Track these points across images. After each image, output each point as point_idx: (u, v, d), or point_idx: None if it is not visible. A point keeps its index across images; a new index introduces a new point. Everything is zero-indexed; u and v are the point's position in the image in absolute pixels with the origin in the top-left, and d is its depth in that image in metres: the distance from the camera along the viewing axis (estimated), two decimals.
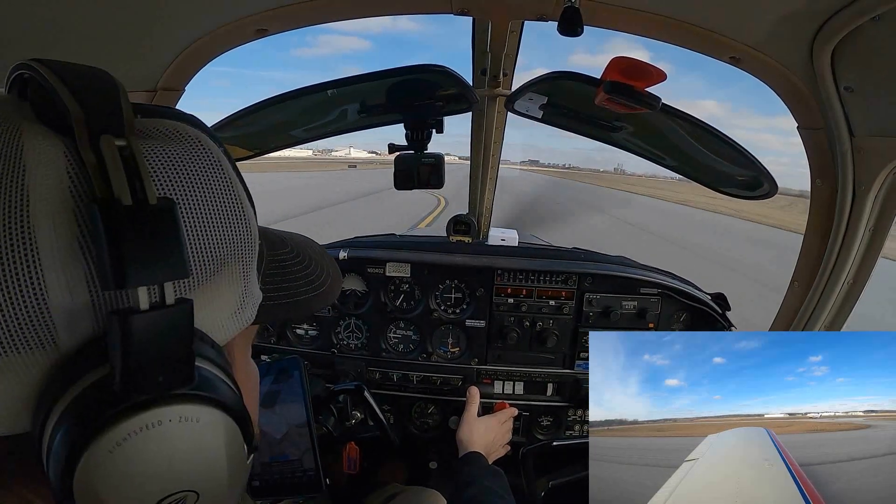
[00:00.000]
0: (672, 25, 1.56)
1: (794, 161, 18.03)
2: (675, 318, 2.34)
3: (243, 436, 0.58)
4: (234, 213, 0.60)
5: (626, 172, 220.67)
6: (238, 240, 0.60)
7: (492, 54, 1.95)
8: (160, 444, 0.51)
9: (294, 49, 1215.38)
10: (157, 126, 0.56)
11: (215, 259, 0.57)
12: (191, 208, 0.55)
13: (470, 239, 2.54)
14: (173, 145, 0.55)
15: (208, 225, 0.57)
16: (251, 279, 0.64)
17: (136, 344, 0.48)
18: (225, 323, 0.61)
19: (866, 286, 1.76)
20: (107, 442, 0.48)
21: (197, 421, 0.53)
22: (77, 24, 1.29)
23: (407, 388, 2.37)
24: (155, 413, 0.50)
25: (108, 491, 0.49)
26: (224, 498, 0.59)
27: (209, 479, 0.56)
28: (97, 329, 0.50)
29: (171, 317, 0.50)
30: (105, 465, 0.48)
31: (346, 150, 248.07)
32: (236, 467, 0.58)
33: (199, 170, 0.57)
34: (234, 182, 0.61)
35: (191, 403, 0.52)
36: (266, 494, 1.64)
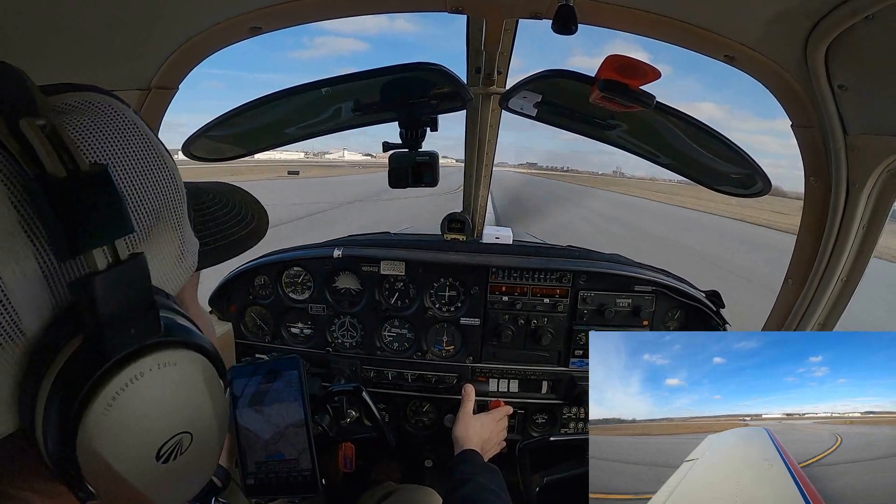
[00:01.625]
0: (666, 23, 1.56)
1: (791, 164, 18.12)
2: (669, 316, 2.35)
3: (217, 372, 0.62)
4: (158, 167, 0.62)
5: (626, 175, 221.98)
6: (167, 191, 0.63)
7: (486, 52, 1.95)
8: (147, 394, 0.53)
9: (290, 51, 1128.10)
10: (66, 100, 0.58)
11: (150, 213, 0.60)
12: (118, 169, 0.57)
13: (464, 237, 2.54)
14: (88, 115, 0.57)
15: (137, 181, 0.59)
16: (185, 227, 0.67)
17: (103, 304, 0.50)
18: (171, 273, 0.64)
19: (860, 284, 1.77)
20: (99, 405, 0.50)
21: (175, 364, 0.56)
22: (70, 22, 1.28)
23: (402, 387, 2.37)
24: (136, 366, 0.52)
25: (111, 451, 0.51)
26: (214, 434, 0.63)
27: (198, 418, 0.59)
28: (56, 306, 0.51)
29: (129, 271, 0.52)
30: (102, 427, 0.50)
31: (340, 152, 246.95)
32: (218, 402, 0.62)
33: (117, 132, 0.58)
34: (152, 139, 0.63)
35: (166, 349, 0.55)
36: (261, 493, 1.64)
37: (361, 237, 2.54)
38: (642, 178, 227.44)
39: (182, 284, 0.67)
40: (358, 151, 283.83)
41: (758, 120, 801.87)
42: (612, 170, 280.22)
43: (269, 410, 1.63)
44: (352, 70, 1.84)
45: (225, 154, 2.36)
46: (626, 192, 65.89)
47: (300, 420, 1.61)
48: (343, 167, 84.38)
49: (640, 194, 64.21)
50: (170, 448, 0.57)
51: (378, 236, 2.61)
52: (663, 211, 39.58)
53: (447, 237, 2.54)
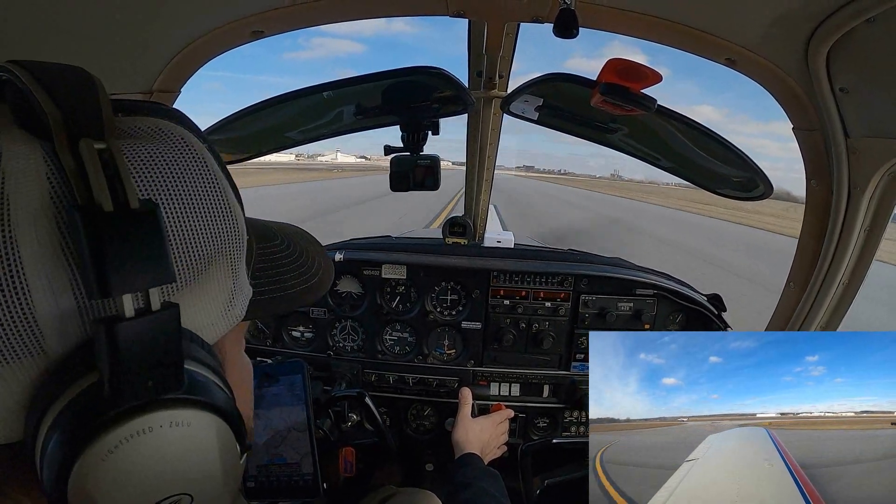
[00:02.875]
0: (667, 27, 1.56)
1: (789, 166, 18.07)
2: (670, 319, 2.35)
3: (235, 436, 0.58)
4: (220, 210, 0.59)
5: (623, 178, 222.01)
6: (225, 237, 0.60)
7: (487, 56, 1.95)
8: (152, 450, 0.51)
9: (288, 52, 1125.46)
10: (138, 124, 0.55)
11: (202, 258, 0.57)
12: (175, 208, 0.54)
13: (466, 241, 2.54)
14: (155, 144, 0.55)
15: (194, 224, 0.56)
16: (240, 275, 0.64)
17: (123, 351, 0.47)
18: (215, 321, 0.60)
19: (861, 287, 1.77)
20: (99, 449, 0.48)
21: (188, 425, 0.53)
22: (72, 25, 1.28)
23: (403, 391, 2.37)
24: (146, 419, 0.50)
25: (103, 497, 0.49)
26: (218, 499, 0.59)
27: (203, 482, 0.56)
28: (85, 334, 0.49)
29: (158, 322, 0.49)
30: (98, 471, 0.48)
31: (333, 155, 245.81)
32: (230, 468, 0.58)
33: (181, 168, 0.56)
34: (219, 177, 0.61)
35: (181, 408, 0.52)
36: (261, 496, 1.64)
37: (363, 241, 2.54)
38: (641, 181, 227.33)
39: (225, 333, 0.63)
40: (352, 154, 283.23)
41: (756, 123, 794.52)
42: (609, 173, 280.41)
43: (270, 414, 1.62)
44: (350, 72, 1.87)
45: (227, 158, 2.36)
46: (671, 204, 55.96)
47: (303, 424, 1.61)
48: (321, 170, 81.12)
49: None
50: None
51: (379, 240, 2.61)
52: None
53: (448, 241, 2.54)
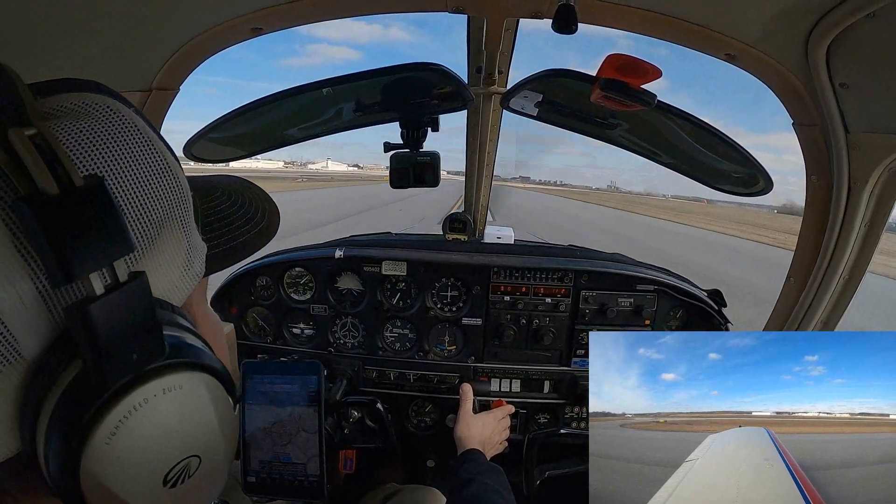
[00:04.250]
0: (667, 22, 1.56)
1: (783, 179, 18.05)
2: (671, 315, 2.35)
3: (226, 389, 0.59)
4: (161, 172, 0.58)
5: (621, 189, 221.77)
6: (171, 198, 0.59)
7: (487, 52, 1.95)
8: (153, 421, 0.51)
9: (283, 59, 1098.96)
10: (60, 103, 0.54)
11: (154, 223, 0.56)
12: (117, 178, 0.53)
13: (466, 237, 2.53)
14: (83, 119, 0.53)
15: (139, 190, 0.55)
16: (192, 233, 0.63)
17: (101, 330, 0.47)
18: (177, 283, 0.60)
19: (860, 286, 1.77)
20: (101, 435, 0.48)
21: (180, 388, 0.53)
22: (70, 23, 1.28)
23: (404, 387, 2.37)
24: (139, 393, 0.50)
25: (115, 480, 0.49)
26: (222, 454, 0.60)
27: (206, 440, 0.57)
28: (56, 327, 0.49)
29: (129, 293, 0.49)
30: (106, 457, 0.48)
31: (324, 163, 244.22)
32: (227, 421, 0.59)
33: (115, 137, 0.55)
34: (154, 140, 0.60)
35: (170, 373, 0.52)
36: (261, 492, 1.64)
37: (363, 237, 2.54)
38: (639, 193, 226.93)
39: (189, 293, 0.64)
40: (344, 162, 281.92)
41: (752, 135, 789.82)
42: (606, 184, 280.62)
43: (281, 412, 1.62)
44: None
45: (226, 155, 2.36)
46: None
47: (314, 426, 1.61)
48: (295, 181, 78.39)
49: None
50: (177, 473, 0.54)
51: (379, 236, 2.61)
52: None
53: (449, 237, 2.54)
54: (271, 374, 1.64)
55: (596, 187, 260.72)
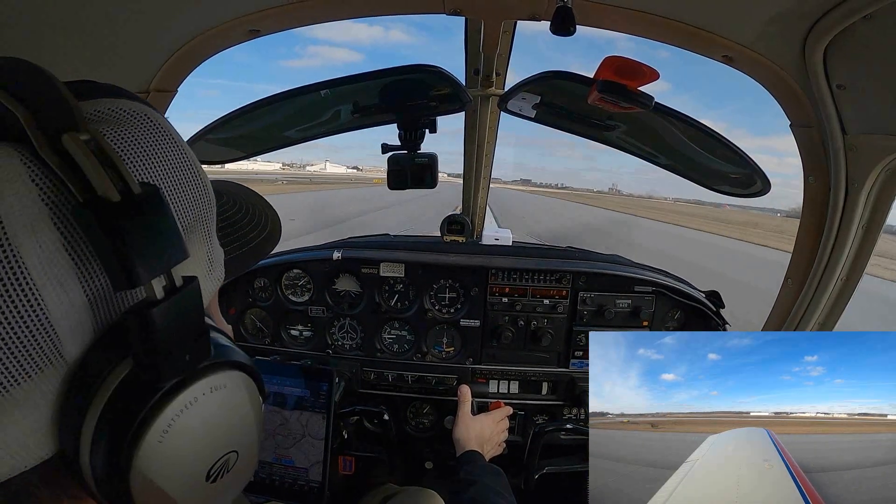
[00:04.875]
0: (664, 24, 1.56)
1: (786, 182, 18.05)
2: (669, 317, 2.35)
3: (258, 388, 0.61)
4: (193, 178, 0.60)
5: (623, 192, 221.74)
6: (200, 204, 0.61)
7: (484, 54, 1.95)
8: (201, 418, 0.53)
9: (283, 60, 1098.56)
10: (98, 108, 0.54)
11: (186, 228, 0.58)
12: (162, 186, 0.55)
13: (464, 239, 2.54)
14: (124, 126, 0.54)
15: (177, 197, 0.57)
16: (213, 238, 0.65)
17: (161, 333, 0.48)
18: (203, 287, 0.59)
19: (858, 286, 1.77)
20: (155, 433, 0.49)
21: (225, 387, 0.55)
22: (68, 25, 1.28)
23: (402, 389, 2.37)
24: (190, 392, 0.51)
25: (165, 478, 0.50)
26: (255, 448, 0.62)
27: (244, 436, 0.59)
28: (98, 330, 0.49)
29: (185, 297, 0.50)
30: (158, 455, 0.49)
31: (322, 165, 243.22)
32: (260, 418, 0.62)
33: (154, 144, 0.56)
34: (185, 147, 0.61)
35: (217, 372, 0.54)
36: (257, 492, 1.63)
37: (361, 239, 2.54)
38: (640, 195, 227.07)
39: (210, 297, 0.65)
40: (343, 164, 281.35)
41: (754, 138, 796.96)
42: (607, 187, 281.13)
43: (289, 415, 1.62)
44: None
45: (225, 157, 2.36)
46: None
47: (321, 433, 1.60)
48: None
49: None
50: (219, 468, 0.56)
51: (377, 238, 2.61)
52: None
53: (447, 239, 2.54)
54: (282, 376, 1.64)
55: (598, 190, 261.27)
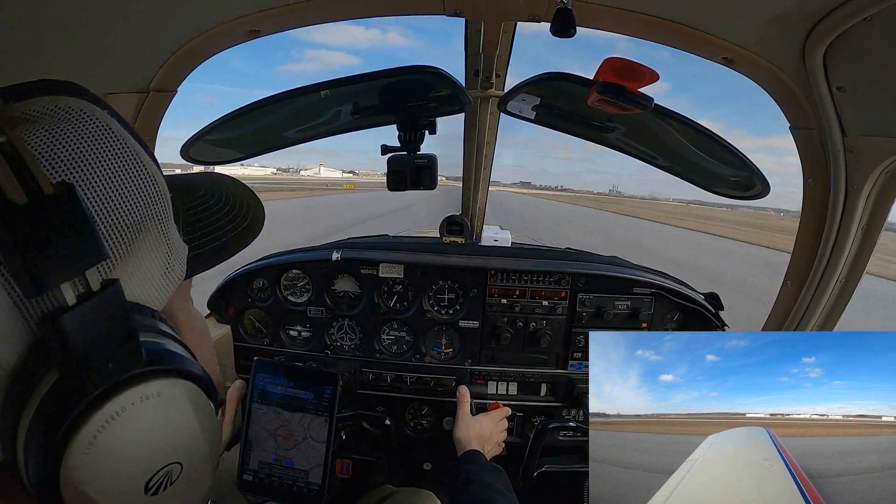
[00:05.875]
0: (665, 26, 1.56)
1: (784, 181, 17.94)
2: (668, 318, 2.35)
3: (206, 395, 0.59)
4: (136, 174, 0.58)
5: (623, 194, 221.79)
6: (148, 199, 0.59)
7: (484, 55, 1.95)
8: (132, 429, 0.51)
9: (280, 65, 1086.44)
10: (32, 107, 0.53)
11: (130, 227, 0.56)
12: (91, 183, 0.53)
13: (463, 240, 2.54)
14: (56, 123, 0.53)
15: (113, 194, 0.55)
16: (172, 235, 0.63)
17: (74, 340, 0.46)
18: (157, 287, 0.60)
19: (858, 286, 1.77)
20: (80, 445, 0.47)
21: (158, 395, 0.53)
22: (69, 25, 1.28)
23: (401, 390, 2.37)
24: (116, 402, 0.50)
25: (96, 488, 0.49)
26: (205, 459, 0.60)
27: (187, 447, 0.57)
28: (32, 335, 0.48)
29: (103, 302, 0.49)
30: (85, 466, 0.48)
31: (316, 169, 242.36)
32: (208, 427, 0.59)
33: (88, 141, 0.54)
34: (129, 142, 0.59)
35: (149, 381, 0.52)
36: (255, 492, 1.62)
37: (360, 240, 2.54)
38: (643, 197, 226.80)
39: (170, 296, 0.63)
40: (338, 168, 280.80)
41: (753, 138, 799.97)
42: (607, 189, 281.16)
43: (290, 416, 1.61)
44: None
45: (224, 157, 2.36)
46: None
47: (323, 436, 1.60)
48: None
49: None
50: (159, 479, 0.54)
51: (377, 239, 2.61)
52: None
53: (446, 240, 2.54)
54: (285, 377, 1.63)
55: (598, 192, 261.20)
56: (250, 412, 1.62)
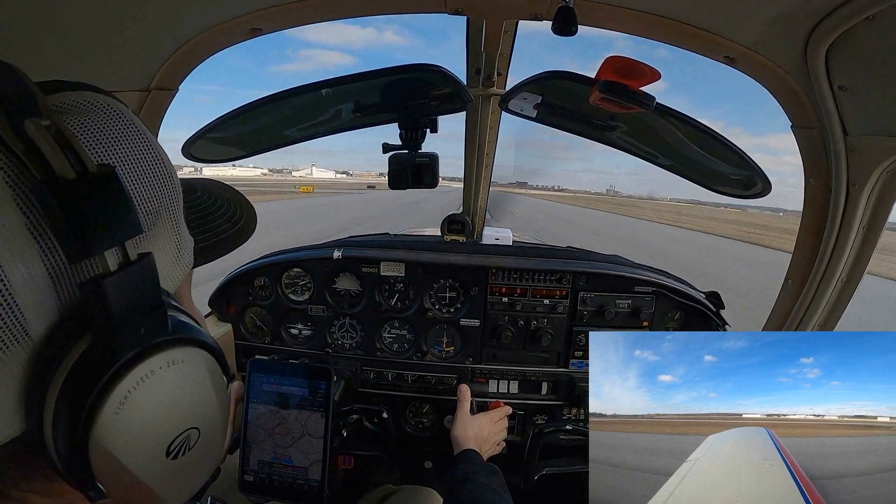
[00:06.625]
0: (667, 25, 1.56)
1: (781, 181, 17.94)
2: (669, 317, 2.35)
3: (220, 367, 0.63)
4: (158, 167, 0.63)
5: (621, 193, 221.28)
6: (165, 190, 0.63)
7: (486, 54, 1.95)
8: (158, 392, 0.54)
9: (274, 65, 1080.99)
10: (64, 100, 0.57)
11: (151, 212, 0.60)
12: (121, 169, 0.57)
13: (464, 238, 2.54)
14: (88, 115, 0.57)
15: (139, 181, 0.59)
16: (181, 226, 0.68)
17: (115, 305, 0.50)
18: (170, 271, 0.65)
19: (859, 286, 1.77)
20: (112, 405, 0.50)
21: (183, 362, 0.57)
22: (70, 23, 1.28)
23: (402, 388, 2.37)
24: (146, 364, 0.53)
25: (123, 449, 0.52)
26: (219, 428, 0.64)
27: (205, 413, 0.61)
28: (62, 308, 0.51)
29: (140, 271, 0.53)
30: (114, 427, 0.51)
31: (308, 170, 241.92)
32: (223, 397, 0.64)
33: (118, 132, 0.59)
34: (150, 138, 0.64)
35: (174, 347, 0.56)
36: (257, 492, 1.62)
37: (361, 238, 2.54)
38: (640, 197, 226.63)
39: (179, 282, 0.68)
40: (331, 169, 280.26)
41: (750, 136, 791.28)
42: (604, 189, 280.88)
43: (287, 414, 1.61)
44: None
45: (225, 155, 2.36)
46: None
47: (319, 432, 1.60)
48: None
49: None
50: (179, 444, 0.58)
51: (378, 237, 2.61)
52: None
53: (447, 238, 2.54)
54: (279, 374, 1.63)
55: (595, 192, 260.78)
56: (247, 413, 1.62)
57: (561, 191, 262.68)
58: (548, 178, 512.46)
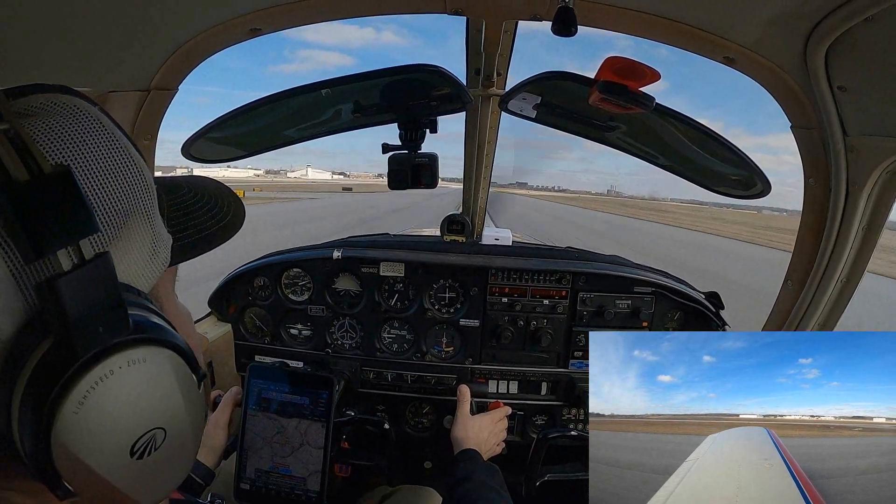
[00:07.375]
0: (666, 25, 1.56)
1: (781, 180, 17.82)
2: (668, 317, 2.35)
3: (189, 366, 0.63)
4: (126, 166, 0.63)
5: (622, 194, 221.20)
6: (135, 188, 0.63)
7: (486, 54, 1.95)
8: (118, 391, 0.54)
9: (272, 66, 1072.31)
10: (31, 103, 0.58)
11: (119, 211, 0.60)
12: (85, 170, 0.58)
13: (464, 238, 2.53)
14: (53, 117, 0.58)
15: (105, 181, 0.60)
16: (157, 225, 0.67)
17: (70, 304, 0.50)
18: (144, 269, 0.65)
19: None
20: (70, 404, 0.51)
21: (144, 361, 0.56)
22: (70, 24, 1.28)
23: (401, 388, 2.37)
24: (105, 364, 0.53)
25: (85, 450, 0.52)
26: (188, 429, 0.63)
27: (170, 414, 0.60)
28: (27, 310, 0.52)
29: (95, 271, 0.53)
30: (75, 426, 0.51)
31: (304, 170, 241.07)
32: (191, 397, 0.63)
33: (82, 132, 0.59)
34: (119, 136, 0.64)
35: (134, 347, 0.56)
36: (252, 500, 1.59)
37: (361, 238, 2.54)
38: (641, 197, 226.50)
39: (155, 281, 0.68)
40: (327, 170, 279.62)
41: (750, 136, 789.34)
42: (605, 189, 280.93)
43: (287, 423, 1.59)
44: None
45: (224, 155, 2.36)
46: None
47: (320, 442, 1.58)
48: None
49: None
50: (144, 444, 0.58)
51: (378, 237, 2.61)
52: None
53: (447, 238, 2.54)
54: (279, 381, 1.61)
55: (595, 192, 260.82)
56: (245, 419, 1.60)
57: (561, 191, 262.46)
58: (548, 178, 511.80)
